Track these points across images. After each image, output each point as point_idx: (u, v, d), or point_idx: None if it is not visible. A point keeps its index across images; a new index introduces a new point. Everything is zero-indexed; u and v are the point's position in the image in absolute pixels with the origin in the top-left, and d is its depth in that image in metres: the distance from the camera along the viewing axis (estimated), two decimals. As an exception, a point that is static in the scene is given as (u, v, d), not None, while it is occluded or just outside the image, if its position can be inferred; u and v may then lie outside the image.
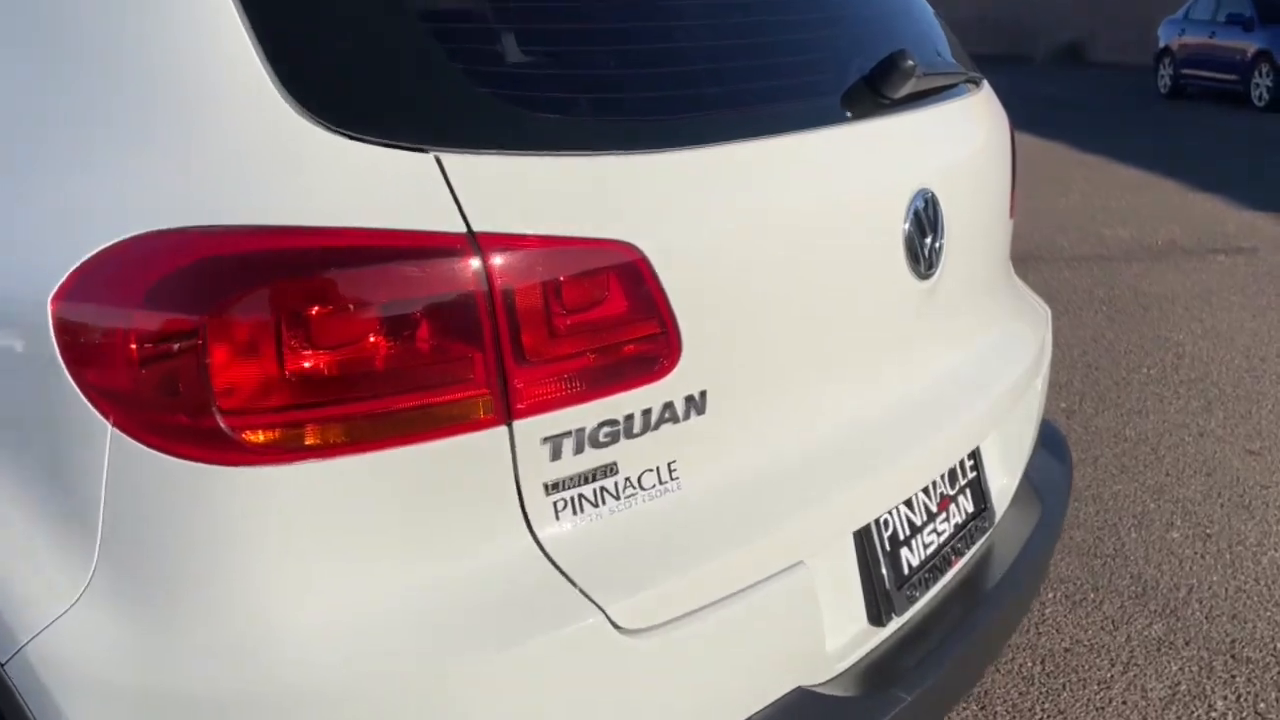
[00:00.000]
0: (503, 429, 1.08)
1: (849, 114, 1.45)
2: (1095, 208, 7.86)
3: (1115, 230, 7.14)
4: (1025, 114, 12.50)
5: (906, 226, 1.46)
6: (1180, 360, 4.65)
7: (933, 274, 1.52)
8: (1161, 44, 15.96)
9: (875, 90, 1.46)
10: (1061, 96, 15.42)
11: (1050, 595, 2.84)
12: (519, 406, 1.08)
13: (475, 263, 1.04)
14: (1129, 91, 16.29)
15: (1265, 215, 7.48)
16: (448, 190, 1.04)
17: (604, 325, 1.13)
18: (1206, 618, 2.74)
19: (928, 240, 1.50)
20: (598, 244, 1.12)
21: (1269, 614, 2.74)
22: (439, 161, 1.05)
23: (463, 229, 1.04)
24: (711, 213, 1.23)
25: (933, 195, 1.51)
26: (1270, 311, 5.32)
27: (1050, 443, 2.09)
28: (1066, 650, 2.62)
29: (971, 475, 1.71)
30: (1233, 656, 2.57)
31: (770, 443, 1.32)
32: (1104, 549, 3.08)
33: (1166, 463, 3.63)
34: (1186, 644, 2.62)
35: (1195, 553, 3.05)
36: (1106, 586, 2.88)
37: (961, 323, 1.67)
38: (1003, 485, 1.82)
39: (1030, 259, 6.32)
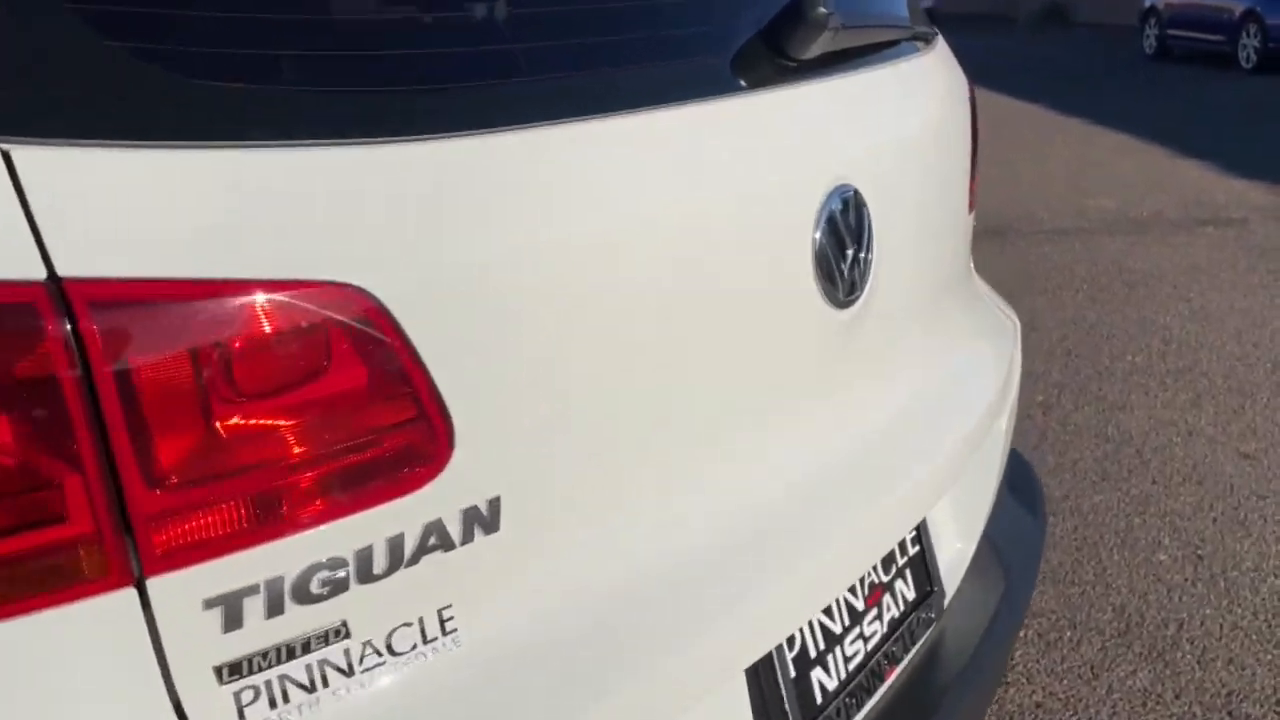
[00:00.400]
0: (129, 592, 0.67)
1: (741, 82, 1.04)
2: (1076, 176, 7.47)
3: (1098, 200, 6.76)
4: (1004, 76, 12.12)
5: (818, 236, 1.06)
6: (1167, 346, 4.28)
7: (855, 299, 1.12)
8: (1147, 3, 15.57)
9: (776, 49, 1.05)
10: (1043, 57, 15.01)
11: (1021, 634, 2.47)
12: (156, 553, 0.68)
13: (59, 327, 0.63)
14: (1113, 52, 15.90)
15: (1255, 184, 7.10)
16: (20, 208, 0.63)
17: (311, 413, 0.73)
18: (1199, 662, 2.37)
19: (848, 253, 1.10)
20: (295, 287, 0.71)
21: (1270, 658, 2.38)
22: (7, 160, 0.63)
23: (41, 274, 0.63)
24: (509, 230, 0.82)
25: (855, 193, 1.10)
26: (1261, 290, 4.97)
27: (1018, 485, 1.70)
28: (1038, 706, 2.25)
29: (914, 551, 1.32)
30: (1230, 714, 2.21)
31: (612, 560, 0.91)
32: (1083, 574, 2.71)
33: (1153, 468, 3.26)
34: (1176, 697, 2.26)
35: (1186, 579, 2.69)
36: (1085, 623, 2.52)
37: (900, 358, 1.26)
38: (956, 553, 1.43)
39: (1005, 232, 5.94)
